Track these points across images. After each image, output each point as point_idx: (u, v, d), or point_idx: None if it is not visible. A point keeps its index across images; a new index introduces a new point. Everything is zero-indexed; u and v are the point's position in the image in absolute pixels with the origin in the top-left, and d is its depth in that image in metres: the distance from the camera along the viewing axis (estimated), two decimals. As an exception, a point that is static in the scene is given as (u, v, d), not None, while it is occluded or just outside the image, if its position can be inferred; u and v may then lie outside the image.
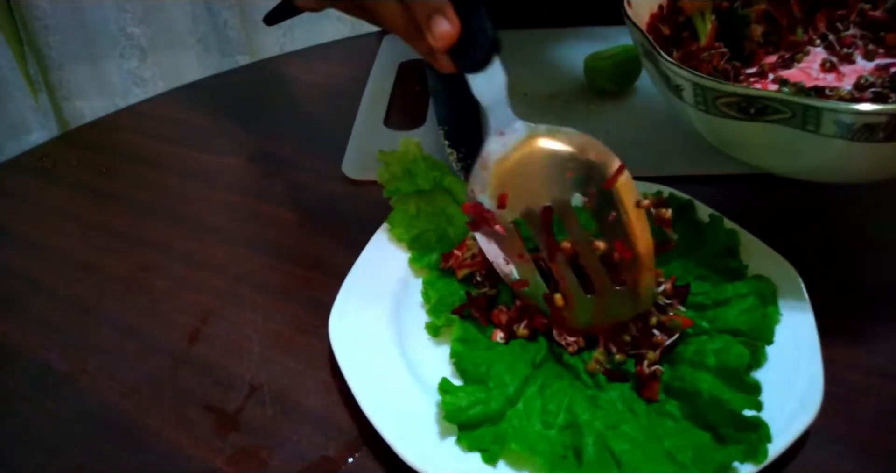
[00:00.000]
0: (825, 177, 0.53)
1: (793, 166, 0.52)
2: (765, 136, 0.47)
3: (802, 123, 0.45)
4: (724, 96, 0.47)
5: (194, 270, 0.64)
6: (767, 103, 0.45)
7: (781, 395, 0.45)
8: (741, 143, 0.52)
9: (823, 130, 0.44)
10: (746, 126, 0.48)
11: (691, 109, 0.51)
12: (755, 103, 0.45)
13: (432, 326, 0.53)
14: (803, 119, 0.44)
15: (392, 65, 0.90)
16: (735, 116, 0.47)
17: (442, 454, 0.44)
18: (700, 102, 0.49)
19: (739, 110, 0.47)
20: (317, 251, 0.65)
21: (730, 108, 0.47)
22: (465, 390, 0.46)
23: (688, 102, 0.50)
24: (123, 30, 1.75)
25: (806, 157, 0.48)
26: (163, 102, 0.93)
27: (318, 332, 0.56)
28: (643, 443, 0.43)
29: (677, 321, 0.48)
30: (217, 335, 0.57)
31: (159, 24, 1.77)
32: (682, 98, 0.50)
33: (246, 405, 0.52)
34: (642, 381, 0.47)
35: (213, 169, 0.78)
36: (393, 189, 0.61)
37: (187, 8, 1.77)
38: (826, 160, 0.48)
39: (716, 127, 0.51)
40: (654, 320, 0.48)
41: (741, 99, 0.46)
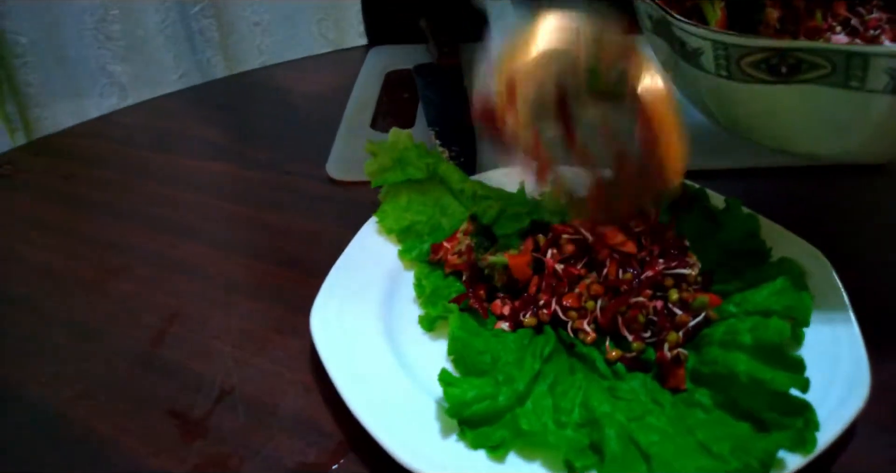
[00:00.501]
0: (862, 153, 0.47)
1: (826, 142, 0.46)
2: (798, 102, 0.42)
3: (845, 79, 0.39)
4: (752, 53, 0.42)
5: (162, 271, 0.58)
6: (803, 57, 0.40)
7: (824, 380, 0.40)
8: (767, 116, 0.47)
9: (870, 83, 0.39)
10: (776, 92, 0.42)
11: (710, 79, 0.46)
12: (788, 58, 0.40)
13: (427, 318, 0.48)
14: (846, 73, 0.39)
15: (378, 74, 0.87)
16: (763, 79, 0.42)
17: (441, 452, 0.38)
18: (721, 67, 0.44)
19: (769, 70, 0.42)
20: (298, 251, 0.60)
21: (757, 68, 0.42)
22: (471, 382, 0.40)
23: (707, 70, 0.45)
24: (104, 68, 1.72)
25: (846, 124, 0.42)
26: (136, 111, 0.89)
27: (298, 332, 0.50)
28: (673, 435, 0.37)
29: (703, 298, 0.43)
30: (184, 337, 0.51)
31: (141, 62, 1.74)
32: (700, 66, 0.46)
33: (215, 410, 0.45)
34: (665, 368, 0.41)
35: (190, 173, 0.73)
36: (381, 180, 0.56)
37: (170, 45, 1.75)
38: (871, 126, 0.42)
39: (738, 98, 0.46)
40: (675, 296, 0.43)
41: (771, 54, 0.41)
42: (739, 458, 0.35)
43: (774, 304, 0.43)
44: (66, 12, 1.67)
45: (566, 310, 0.45)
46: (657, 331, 0.43)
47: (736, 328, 0.41)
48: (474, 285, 0.49)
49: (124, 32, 1.74)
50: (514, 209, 0.55)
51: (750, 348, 0.39)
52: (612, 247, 0.46)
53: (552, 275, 0.46)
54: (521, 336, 0.45)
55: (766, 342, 0.39)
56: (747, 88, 0.44)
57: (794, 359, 0.38)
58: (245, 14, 1.82)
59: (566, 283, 0.46)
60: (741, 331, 0.40)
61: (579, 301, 0.45)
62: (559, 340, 0.45)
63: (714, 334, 0.42)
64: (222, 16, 1.82)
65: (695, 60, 0.46)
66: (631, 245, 0.46)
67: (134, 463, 0.42)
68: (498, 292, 0.49)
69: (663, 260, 0.45)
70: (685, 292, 0.43)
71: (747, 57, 0.42)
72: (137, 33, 1.75)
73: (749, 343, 0.39)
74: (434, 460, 0.38)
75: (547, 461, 0.38)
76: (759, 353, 0.39)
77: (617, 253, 0.46)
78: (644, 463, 0.36)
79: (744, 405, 0.38)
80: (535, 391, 0.41)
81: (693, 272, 0.44)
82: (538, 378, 0.42)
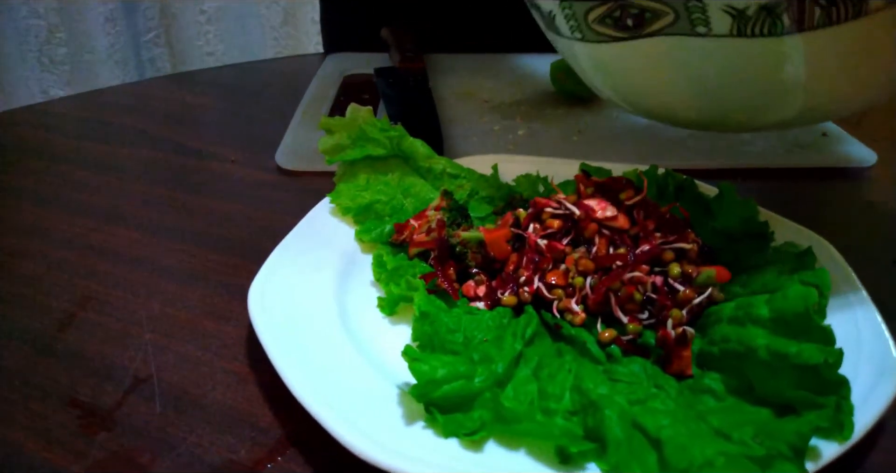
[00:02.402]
0: (741, 115, 0.43)
1: (696, 103, 0.42)
2: (652, 57, 0.39)
3: (691, 25, 0.36)
4: (594, 8, 0.38)
5: (77, 254, 0.50)
6: (644, 5, 0.36)
7: (848, 364, 0.34)
8: (631, 78, 0.43)
9: (716, 27, 0.35)
10: (631, 49, 0.39)
11: (570, 45, 0.43)
12: (630, 8, 0.37)
13: (388, 300, 0.41)
14: (689, 17, 0.36)
15: (336, 76, 0.82)
16: (614, 36, 0.39)
17: (405, 442, 0.31)
18: (574, 28, 0.41)
19: (616, 25, 0.38)
20: (239, 238, 0.52)
21: (605, 25, 0.39)
22: (441, 359, 0.34)
23: (564, 35, 0.42)
24: (46, 92, 1.63)
25: (706, 76, 0.39)
26: (69, 101, 0.81)
27: (234, 319, 0.44)
28: (684, 420, 0.31)
29: (709, 271, 0.37)
30: (96, 322, 0.43)
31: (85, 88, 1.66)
32: (558, 31, 0.42)
33: (126, 400, 0.37)
34: (668, 348, 0.35)
35: (122, 161, 0.65)
36: (338, 157, 0.50)
37: (118, 72, 1.67)
38: (731, 74, 0.38)
39: (601, 61, 0.42)
40: (677, 270, 0.38)
41: (613, 6, 0.38)
42: (765, 444, 0.29)
43: (786, 282, 0.38)
44: (9, 31, 1.59)
45: (551, 288, 0.39)
46: (657, 311, 0.37)
47: (749, 302, 0.35)
48: (444, 265, 0.43)
49: (70, 56, 1.66)
50: (488, 191, 0.50)
51: (768, 321, 0.33)
52: (600, 222, 0.40)
53: (534, 250, 0.40)
54: (500, 315, 0.39)
55: (787, 311, 0.33)
56: (604, 48, 0.41)
57: (823, 328, 0.32)
58: (199, 44, 1.76)
59: (550, 259, 0.40)
60: (756, 304, 0.34)
61: (566, 278, 0.39)
62: (543, 323, 0.39)
63: (722, 311, 0.36)
64: (174, 45, 1.76)
65: (553, 25, 0.43)
66: (623, 219, 0.40)
67: (20, 458, 0.34)
68: (470, 273, 0.43)
69: (660, 234, 0.40)
70: (688, 267, 0.38)
71: (591, 12, 0.39)
72: (85, 58, 1.67)
73: (766, 316, 0.34)
74: (396, 450, 0.30)
75: (533, 450, 0.31)
76: (780, 325, 0.33)
77: (606, 229, 0.40)
78: (653, 451, 0.29)
79: (762, 390, 0.33)
80: (517, 375, 0.35)
81: (694, 247, 0.39)
82: (520, 361, 0.36)
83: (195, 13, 1.70)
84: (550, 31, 0.44)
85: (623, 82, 0.44)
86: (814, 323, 0.32)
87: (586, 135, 0.66)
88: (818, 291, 0.36)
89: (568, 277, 0.39)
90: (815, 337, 0.32)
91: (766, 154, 0.63)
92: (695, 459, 0.28)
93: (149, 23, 1.70)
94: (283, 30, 1.74)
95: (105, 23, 1.65)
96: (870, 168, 0.62)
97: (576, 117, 0.70)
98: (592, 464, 0.30)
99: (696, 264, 0.39)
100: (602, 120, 0.69)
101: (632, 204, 0.41)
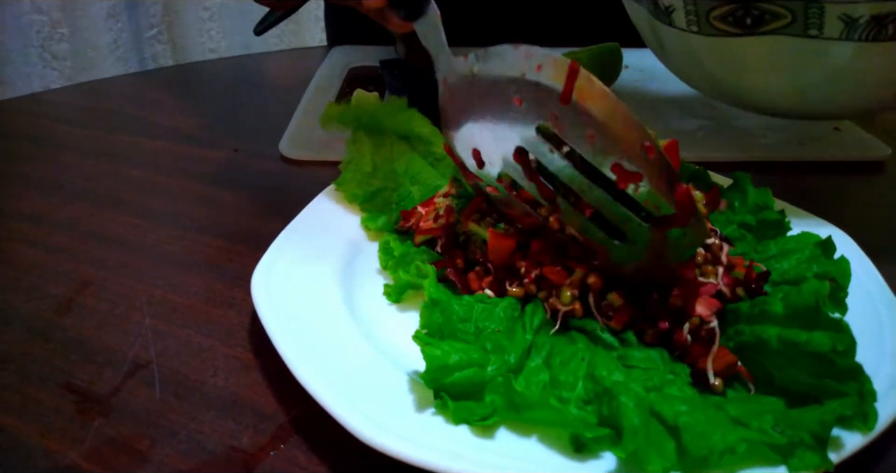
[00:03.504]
0: (835, 105, 0.47)
1: (797, 94, 0.46)
2: (765, 53, 0.42)
3: (804, 27, 0.40)
4: (719, 6, 0.42)
5: (77, 240, 0.49)
6: (766, 8, 0.40)
7: (871, 355, 0.33)
8: (737, 70, 0.46)
9: (828, 31, 0.39)
10: (745, 45, 0.43)
11: (683, 37, 0.45)
12: (752, 9, 0.41)
13: (395, 286, 0.40)
14: (805, 22, 0.40)
15: (341, 68, 0.81)
16: (730, 32, 0.42)
17: (412, 427, 0.30)
18: (692, 22, 0.44)
19: (735, 22, 0.42)
20: (242, 225, 0.51)
21: (724, 21, 0.42)
22: (454, 345, 0.33)
23: (679, 27, 0.44)
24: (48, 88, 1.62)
25: (811, 74, 0.43)
26: (72, 91, 0.80)
27: (237, 305, 0.43)
28: (702, 407, 0.30)
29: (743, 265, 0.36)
30: (95, 307, 0.42)
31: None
32: (672, 24, 0.45)
33: (124, 385, 0.36)
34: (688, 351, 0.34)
35: (124, 149, 0.64)
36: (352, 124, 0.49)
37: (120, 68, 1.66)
38: (830, 74, 0.43)
39: (710, 53, 0.46)
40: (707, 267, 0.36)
41: (737, 7, 0.41)
42: (786, 433, 0.28)
43: (806, 271, 0.37)
44: (11, 26, 1.58)
45: (552, 288, 0.38)
46: (670, 310, 0.36)
47: (764, 300, 0.34)
48: (451, 254, 0.42)
49: (72, 52, 1.65)
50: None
51: (781, 318, 0.32)
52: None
53: (536, 261, 0.39)
54: (511, 307, 0.37)
55: (799, 305, 0.32)
56: (717, 41, 0.44)
57: (833, 319, 0.31)
58: (201, 40, 1.75)
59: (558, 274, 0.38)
60: (771, 302, 0.33)
61: (565, 277, 0.37)
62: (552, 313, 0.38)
63: (739, 309, 0.35)
64: (177, 41, 1.75)
65: (668, 18, 0.45)
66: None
67: (16, 443, 0.33)
68: (476, 261, 0.42)
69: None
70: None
71: (715, 10, 0.42)
72: (87, 54, 1.66)
73: (781, 313, 0.32)
74: (404, 436, 0.29)
75: (546, 438, 0.30)
76: (792, 321, 0.32)
77: None
78: (671, 439, 0.28)
79: (781, 380, 0.32)
80: (528, 365, 0.34)
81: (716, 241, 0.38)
82: (532, 352, 0.35)
83: (198, 9, 1.69)
84: (661, 22, 0.47)
85: (726, 69, 0.48)
86: (824, 314, 0.31)
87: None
88: (838, 282, 0.35)
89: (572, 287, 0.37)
90: (827, 327, 0.31)
91: (779, 147, 0.62)
92: (715, 446, 0.27)
93: (151, 19, 1.69)
94: (286, 27, 1.73)
95: (107, 19, 1.64)
96: (883, 162, 0.61)
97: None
98: (607, 454, 0.29)
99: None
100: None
101: None
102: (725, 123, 0.66)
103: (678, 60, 0.50)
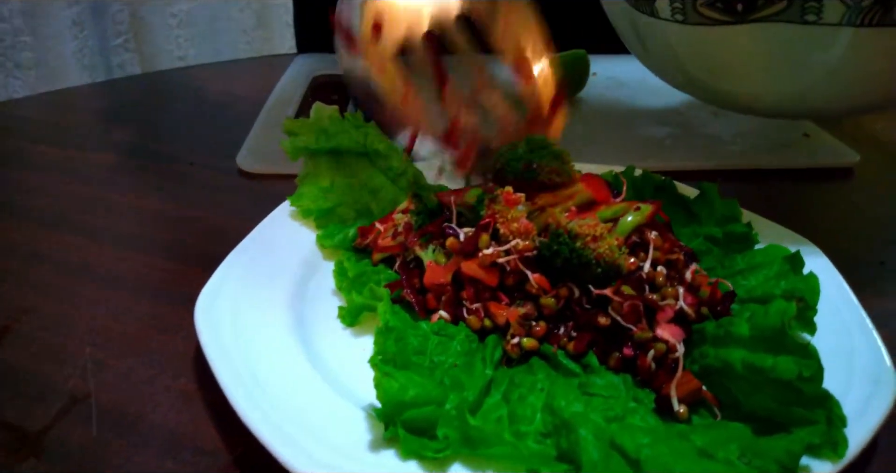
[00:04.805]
0: (829, 100, 0.44)
1: (790, 86, 0.43)
2: (756, 44, 0.39)
3: (801, 12, 0.37)
4: None
5: (18, 263, 0.47)
6: None
7: (840, 374, 0.32)
8: (729, 62, 0.43)
9: (827, 16, 0.36)
10: (734, 33, 0.40)
11: (667, 28, 0.42)
12: None
13: (349, 309, 0.38)
14: (802, 5, 0.36)
15: (305, 76, 0.79)
16: (719, 19, 0.39)
17: (360, 467, 0.28)
18: (677, 10, 0.41)
19: (725, 8, 0.39)
20: (193, 243, 0.49)
21: (712, 7, 0.39)
22: (412, 378, 0.31)
23: (663, 17, 0.42)
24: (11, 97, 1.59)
25: (807, 64, 0.40)
26: (29, 102, 0.78)
27: (184, 332, 0.40)
28: (665, 437, 0.28)
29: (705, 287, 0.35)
30: (32, 335, 0.40)
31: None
32: (655, 13, 0.42)
33: (59, 421, 0.34)
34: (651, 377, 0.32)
35: (83, 165, 0.61)
36: (301, 148, 0.47)
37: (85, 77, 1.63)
38: (831, 65, 0.39)
39: (699, 45, 0.42)
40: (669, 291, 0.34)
41: None
42: (752, 464, 0.27)
43: (774, 288, 0.36)
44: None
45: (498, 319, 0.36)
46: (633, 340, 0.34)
47: (730, 321, 0.32)
48: (408, 273, 0.40)
49: (36, 61, 1.61)
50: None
51: (747, 340, 0.31)
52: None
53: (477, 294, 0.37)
54: (468, 339, 0.35)
55: (765, 327, 0.30)
56: (704, 31, 0.41)
57: (799, 343, 0.30)
58: (170, 48, 1.72)
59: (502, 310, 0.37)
60: (737, 322, 0.32)
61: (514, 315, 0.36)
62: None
63: (705, 330, 0.33)
64: (144, 49, 1.72)
65: (651, 7, 0.42)
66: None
67: (-70, 492, 0.30)
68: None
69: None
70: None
71: None
72: (52, 63, 1.62)
73: (746, 335, 0.31)
74: (350, 475, 0.28)
75: (502, 474, 0.28)
76: (758, 343, 0.30)
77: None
78: (632, 472, 0.27)
79: (748, 405, 0.30)
80: (488, 402, 0.32)
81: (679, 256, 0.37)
82: (491, 388, 0.33)
83: (165, 16, 1.66)
84: (642, 13, 0.44)
85: (711, 65, 0.45)
86: (789, 338, 0.29)
87: (561, 135, 0.64)
88: (806, 300, 0.34)
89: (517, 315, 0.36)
90: (793, 351, 0.29)
91: (747, 154, 0.61)
92: (677, 482, 0.26)
93: (118, 27, 1.65)
94: (255, 33, 1.70)
95: (72, 26, 1.61)
96: (852, 168, 0.60)
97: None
98: (567, 489, 0.27)
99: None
100: (577, 120, 0.67)
101: None
102: (693, 130, 0.65)
103: (659, 56, 0.48)
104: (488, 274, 0.36)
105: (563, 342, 0.34)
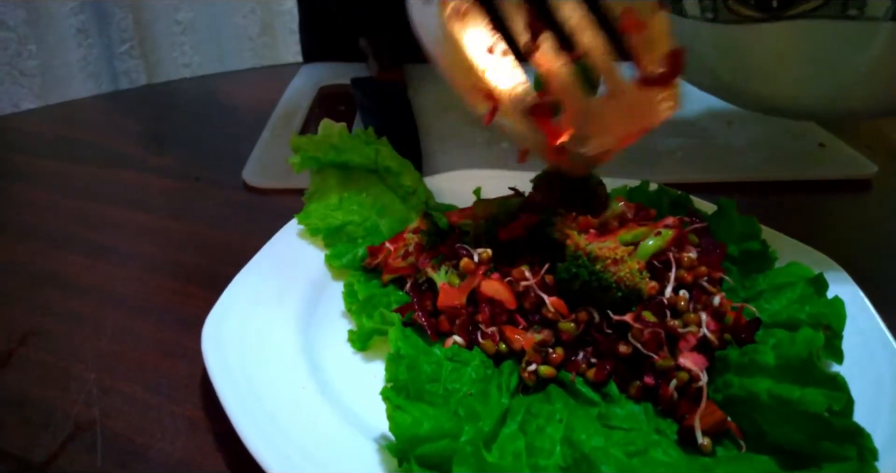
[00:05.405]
0: (867, 100, 0.42)
1: (827, 86, 0.41)
2: (793, 42, 0.38)
3: (842, 7, 0.35)
4: None
5: (20, 284, 0.46)
6: None
7: (868, 404, 0.31)
8: (762, 62, 0.41)
9: (871, 9, 0.35)
10: (769, 31, 0.38)
11: (695, 28, 0.41)
12: None
13: (359, 333, 0.37)
14: (843, 1, 0.35)
15: (311, 87, 0.78)
16: (751, 17, 0.38)
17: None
18: (708, 8, 0.39)
19: (759, 6, 0.37)
20: (199, 263, 0.48)
21: (746, 5, 0.37)
22: (425, 411, 0.30)
23: (692, 16, 0.40)
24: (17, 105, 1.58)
25: (846, 63, 0.38)
26: (35, 115, 0.77)
27: (189, 355, 0.39)
28: (688, 472, 0.27)
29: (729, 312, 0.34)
30: (36, 359, 0.39)
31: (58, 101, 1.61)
32: (683, 12, 0.41)
33: (64, 450, 0.33)
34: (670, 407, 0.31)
35: (86, 180, 0.61)
36: (309, 159, 0.46)
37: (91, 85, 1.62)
38: (871, 63, 0.37)
39: (729, 45, 0.41)
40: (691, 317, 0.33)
41: None
42: (782, 502, 0.26)
43: (798, 312, 0.35)
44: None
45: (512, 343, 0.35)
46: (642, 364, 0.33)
47: (755, 348, 0.31)
48: (420, 296, 0.39)
49: (42, 69, 1.61)
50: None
51: (773, 369, 0.30)
52: None
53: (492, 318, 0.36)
54: (483, 365, 0.34)
55: (792, 357, 0.29)
56: (736, 30, 0.39)
57: (828, 374, 0.29)
58: (174, 55, 1.72)
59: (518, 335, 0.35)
60: (762, 351, 0.31)
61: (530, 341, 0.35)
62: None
63: (728, 356, 0.32)
64: (149, 56, 1.72)
65: (678, 5, 0.41)
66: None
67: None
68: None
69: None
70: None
71: None
72: (57, 71, 1.62)
73: (772, 364, 0.30)
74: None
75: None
76: (784, 372, 0.29)
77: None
78: (657, 512, 0.26)
79: (774, 437, 0.29)
80: (504, 433, 0.31)
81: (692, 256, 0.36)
82: (507, 417, 0.32)
83: (170, 24, 1.66)
84: (673, 13, 0.42)
85: (742, 66, 0.43)
86: (817, 369, 0.28)
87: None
88: (832, 327, 0.32)
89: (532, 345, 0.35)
90: (822, 382, 0.28)
91: (763, 167, 0.60)
92: (704, 523, 0.25)
93: (122, 34, 1.65)
94: (260, 40, 1.70)
95: (77, 34, 1.60)
96: (869, 180, 0.59)
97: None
98: (587, 527, 0.26)
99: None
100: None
101: None
102: (707, 141, 0.64)
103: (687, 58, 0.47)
104: (509, 295, 0.35)
105: (581, 368, 0.33)
